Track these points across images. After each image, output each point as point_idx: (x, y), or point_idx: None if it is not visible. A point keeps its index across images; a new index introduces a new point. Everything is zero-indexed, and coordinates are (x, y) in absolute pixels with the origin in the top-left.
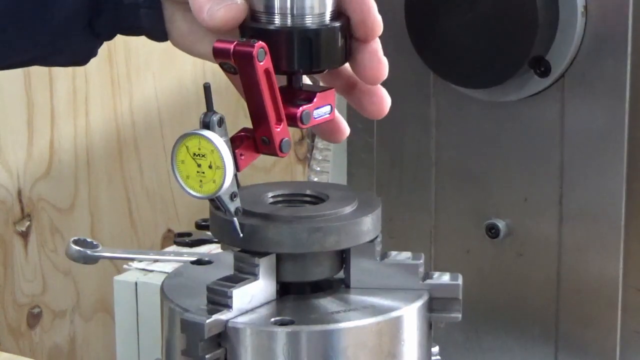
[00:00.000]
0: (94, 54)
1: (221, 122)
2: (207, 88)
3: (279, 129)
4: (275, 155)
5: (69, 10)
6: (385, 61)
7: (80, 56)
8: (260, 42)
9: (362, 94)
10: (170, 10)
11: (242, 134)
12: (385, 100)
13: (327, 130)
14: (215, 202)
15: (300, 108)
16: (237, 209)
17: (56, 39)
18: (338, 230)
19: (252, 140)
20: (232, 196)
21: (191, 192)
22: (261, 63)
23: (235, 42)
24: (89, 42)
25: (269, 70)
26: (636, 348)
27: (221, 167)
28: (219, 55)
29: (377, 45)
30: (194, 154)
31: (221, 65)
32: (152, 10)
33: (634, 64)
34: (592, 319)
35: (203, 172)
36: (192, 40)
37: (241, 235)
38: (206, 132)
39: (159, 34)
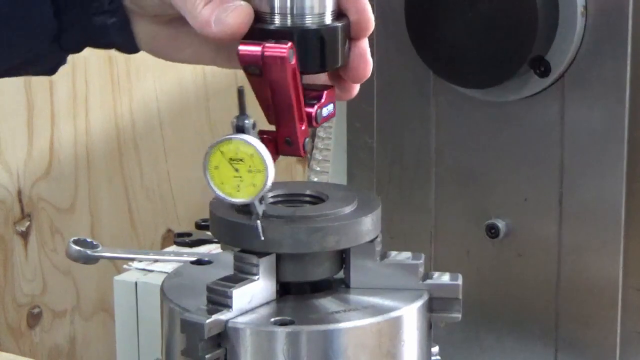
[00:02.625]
0: (62, 63)
1: (254, 125)
2: (240, 92)
3: (302, 129)
4: (297, 155)
5: (36, 27)
6: (371, 61)
7: (47, 68)
8: (289, 42)
9: (338, 85)
10: (144, 25)
11: (263, 136)
12: (356, 88)
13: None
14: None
15: (315, 107)
16: (264, 212)
17: (23, 54)
18: (338, 230)
19: (274, 143)
20: (261, 199)
21: (226, 197)
22: (291, 63)
23: (262, 45)
24: (56, 56)
25: (295, 70)
26: (636, 348)
27: (262, 170)
28: (246, 59)
29: (366, 45)
30: (231, 159)
31: (245, 69)
32: (122, 30)
33: (634, 64)
34: (592, 319)
35: (241, 177)
36: (172, 49)
37: (262, 238)
38: (246, 136)
39: (130, 48)
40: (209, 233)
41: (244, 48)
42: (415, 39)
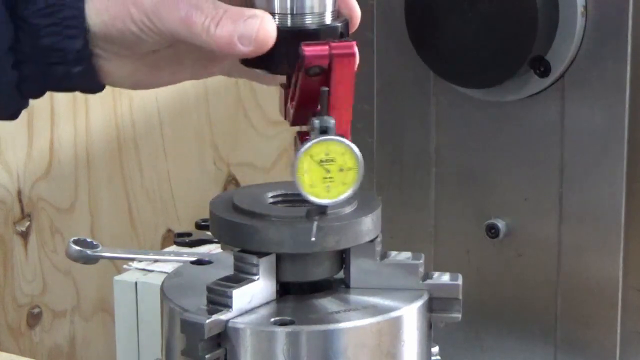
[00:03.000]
0: (24, 107)
1: (335, 125)
2: (324, 92)
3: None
4: None
5: None
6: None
7: (8, 114)
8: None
9: None
10: (122, 65)
11: (307, 137)
12: None
13: None
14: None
15: None
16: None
17: None
18: (338, 230)
19: None
20: None
21: (316, 200)
22: (357, 59)
23: (328, 44)
24: (17, 103)
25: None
26: (636, 348)
27: (354, 167)
28: (314, 60)
29: None
30: (321, 161)
31: (306, 71)
32: (87, 77)
33: (634, 64)
34: (592, 319)
35: (331, 177)
36: (151, 78)
37: (314, 239)
38: (337, 137)
39: (95, 89)
40: (209, 233)
41: (310, 49)
42: (415, 39)
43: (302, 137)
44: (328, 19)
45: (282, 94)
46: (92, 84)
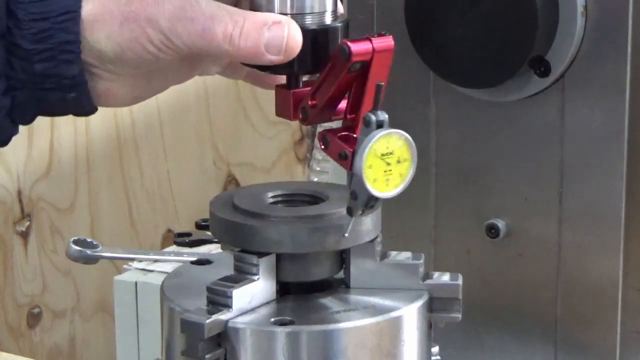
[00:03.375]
0: (14, 134)
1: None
2: (380, 87)
3: None
4: None
5: None
6: None
7: None
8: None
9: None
10: (122, 86)
11: (344, 133)
12: None
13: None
14: (362, 202)
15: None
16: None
17: None
18: (338, 230)
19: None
20: None
21: (378, 194)
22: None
23: (369, 40)
24: (7, 130)
25: None
26: (636, 348)
27: (409, 158)
28: (359, 56)
29: None
30: (382, 154)
31: (350, 67)
32: (81, 101)
33: (634, 64)
34: (592, 319)
35: (390, 170)
36: (148, 92)
37: (347, 235)
38: (396, 129)
39: (88, 112)
40: (209, 233)
41: (355, 46)
42: (415, 39)
43: (334, 134)
44: (328, 19)
45: (281, 95)
46: (85, 108)
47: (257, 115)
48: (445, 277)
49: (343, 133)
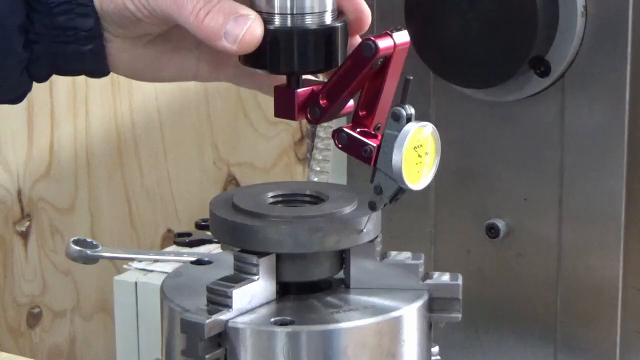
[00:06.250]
0: (28, 91)
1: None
2: (408, 81)
3: None
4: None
5: (6, 57)
6: None
7: (13, 97)
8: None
9: None
10: (124, 49)
11: (361, 129)
12: None
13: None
14: (388, 196)
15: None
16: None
17: None
18: (338, 230)
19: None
20: None
21: (412, 186)
22: None
23: (389, 35)
24: (22, 85)
25: None
26: (636, 348)
27: (435, 150)
28: (384, 51)
29: (357, 41)
30: (414, 147)
31: (374, 63)
32: (97, 56)
33: (634, 64)
34: (592, 319)
35: (421, 162)
36: (152, 70)
37: (364, 230)
38: (425, 122)
39: (102, 73)
40: (209, 233)
41: (380, 41)
42: (415, 39)
43: (352, 131)
44: (328, 19)
45: (281, 95)
46: (99, 66)
47: (257, 115)
48: (445, 277)
49: (360, 129)
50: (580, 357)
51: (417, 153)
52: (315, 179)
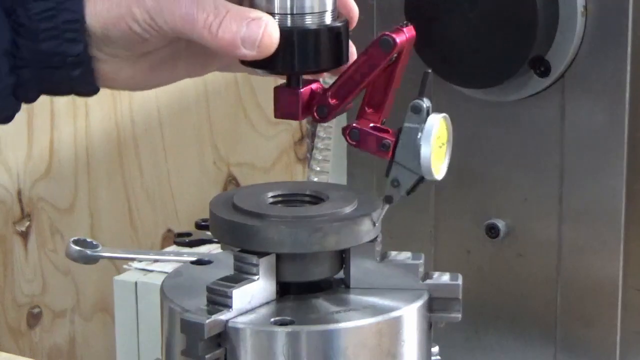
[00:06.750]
0: (17, 111)
1: None
2: (427, 74)
3: None
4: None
5: None
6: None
7: (1, 117)
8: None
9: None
10: (121, 68)
11: (374, 125)
12: None
13: None
14: (406, 188)
15: None
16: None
17: None
18: (338, 230)
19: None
20: None
21: (435, 176)
22: None
23: (400, 29)
24: (10, 108)
25: None
26: (636, 348)
27: (447, 141)
28: (401, 46)
29: None
30: (437, 137)
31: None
32: (86, 79)
33: (634, 64)
34: (592, 319)
35: (440, 152)
36: (149, 80)
37: (376, 225)
38: (443, 113)
39: (91, 92)
40: (209, 233)
41: (398, 36)
42: (415, 40)
43: (366, 127)
44: (328, 19)
45: (284, 95)
46: (89, 87)
47: (257, 115)
48: (445, 277)
49: (373, 125)
50: (580, 357)
51: (438, 144)
52: (315, 179)
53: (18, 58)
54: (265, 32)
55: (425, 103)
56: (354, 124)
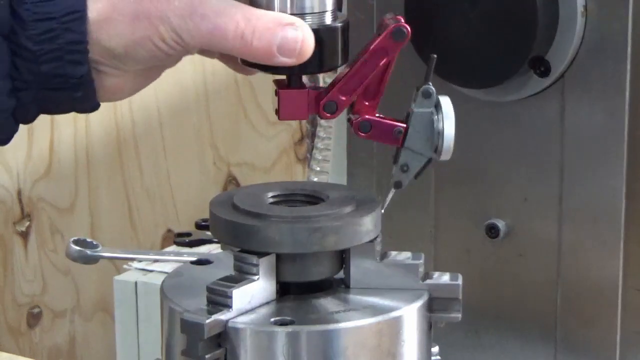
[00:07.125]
0: (15, 132)
1: None
2: (432, 59)
3: None
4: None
5: None
6: None
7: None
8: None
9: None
10: (128, 81)
11: (379, 115)
12: None
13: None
14: (415, 171)
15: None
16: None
17: None
18: (338, 230)
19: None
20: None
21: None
22: None
23: (400, 19)
24: (9, 129)
25: None
26: (636, 348)
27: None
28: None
29: None
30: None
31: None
32: (87, 99)
33: (634, 64)
34: (592, 319)
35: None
36: (147, 83)
37: (383, 210)
38: (444, 95)
39: (91, 109)
40: (209, 233)
41: (407, 27)
42: (415, 39)
43: (375, 118)
44: (328, 19)
45: (288, 96)
46: (90, 105)
47: (257, 115)
48: (445, 277)
49: (379, 115)
50: (580, 357)
51: None
52: (315, 179)
53: (18, 80)
54: (305, 38)
55: (430, 86)
56: (366, 117)
